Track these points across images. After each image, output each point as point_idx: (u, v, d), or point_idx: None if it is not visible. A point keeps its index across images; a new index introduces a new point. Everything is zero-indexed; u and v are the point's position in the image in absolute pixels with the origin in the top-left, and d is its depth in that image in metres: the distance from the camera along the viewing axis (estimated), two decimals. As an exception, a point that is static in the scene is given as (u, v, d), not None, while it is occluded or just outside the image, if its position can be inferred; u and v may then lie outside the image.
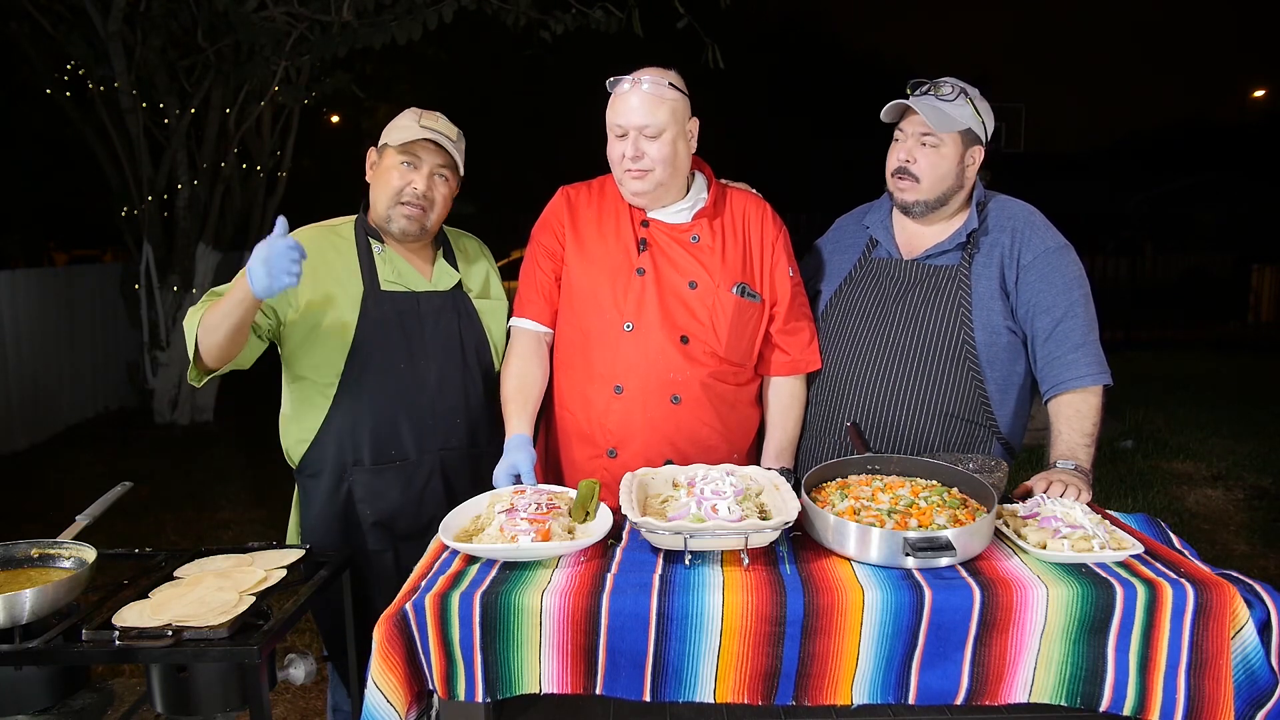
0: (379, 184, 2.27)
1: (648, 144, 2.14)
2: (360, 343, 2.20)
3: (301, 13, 6.37)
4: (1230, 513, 5.54)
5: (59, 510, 3.56)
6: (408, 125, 2.22)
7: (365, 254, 2.25)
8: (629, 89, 2.14)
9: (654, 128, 2.12)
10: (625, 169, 2.18)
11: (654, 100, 2.12)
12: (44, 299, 7.85)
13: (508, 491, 1.93)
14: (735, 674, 1.54)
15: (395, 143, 2.21)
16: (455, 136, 2.27)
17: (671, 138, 2.14)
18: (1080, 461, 2.09)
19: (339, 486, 2.24)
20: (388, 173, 2.24)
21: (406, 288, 2.27)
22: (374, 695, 1.53)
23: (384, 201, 2.24)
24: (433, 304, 2.29)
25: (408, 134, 2.20)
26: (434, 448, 2.28)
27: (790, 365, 2.34)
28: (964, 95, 2.22)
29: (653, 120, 2.12)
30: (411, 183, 2.22)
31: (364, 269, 2.24)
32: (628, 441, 2.21)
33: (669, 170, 2.17)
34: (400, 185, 2.22)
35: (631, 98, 2.13)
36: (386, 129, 2.28)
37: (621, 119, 2.14)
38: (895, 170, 2.29)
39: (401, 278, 2.27)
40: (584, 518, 1.84)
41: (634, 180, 2.19)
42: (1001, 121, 2.63)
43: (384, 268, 2.25)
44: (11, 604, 1.65)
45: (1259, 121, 28.25)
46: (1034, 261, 2.23)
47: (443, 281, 2.33)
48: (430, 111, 2.28)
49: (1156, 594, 1.54)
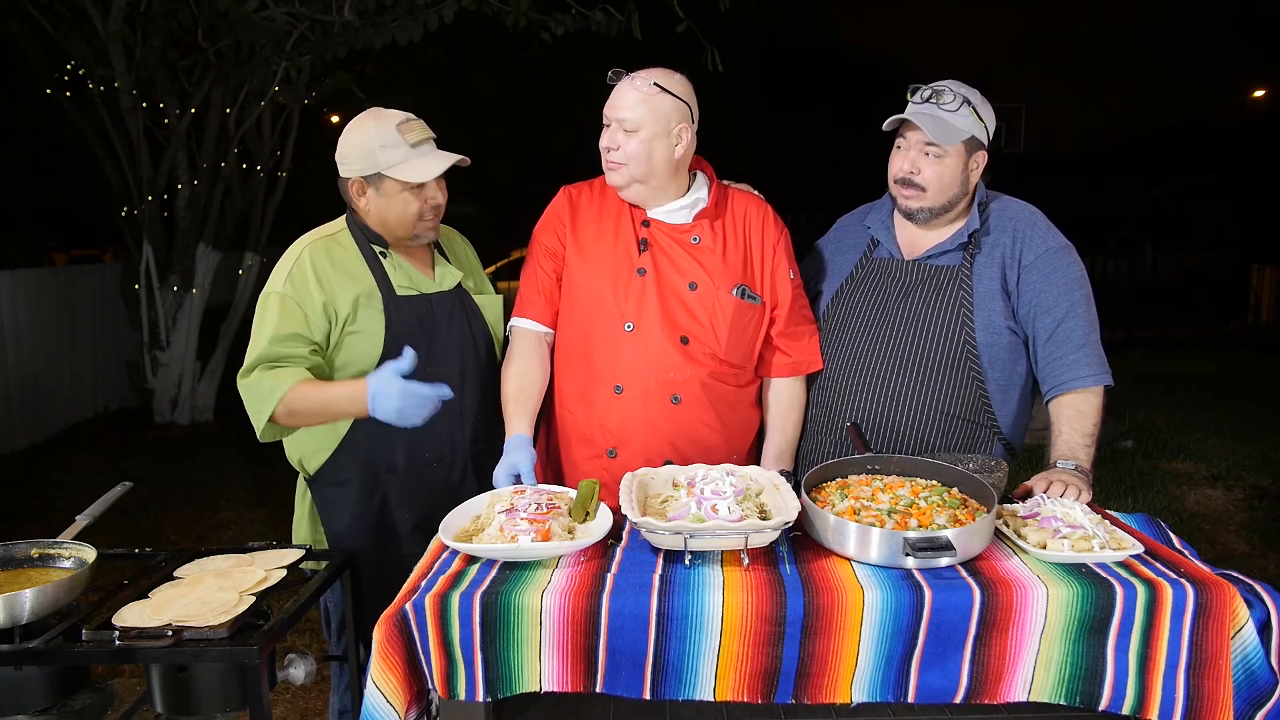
0: (389, 211, 2.20)
1: (624, 137, 2.16)
2: (389, 350, 2.17)
3: (302, 12, 6.37)
4: (1230, 513, 5.53)
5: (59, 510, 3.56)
6: (404, 155, 2.14)
7: (373, 261, 2.23)
8: (619, 81, 2.18)
9: (631, 122, 2.14)
10: (607, 159, 2.22)
11: (636, 96, 2.14)
12: (44, 299, 7.85)
13: (508, 491, 1.92)
14: (735, 673, 1.55)
15: (412, 179, 2.14)
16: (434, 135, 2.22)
17: (648, 136, 2.14)
18: (1080, 461, 2.09)
19: (372, 493, 2.23)
20: (396, 200, 2.18)
21: (418, 291, 2.26)
22: (373, 695, 1.53)
23: (404, 226, 2.21)
24: (444, 304, 2.29)
25: (419, 171, 2.13)
26: (464, 445, 2.29)
27: (791, 367, 2.34)
28: (966, 104, 2.20)
29: (630, 115, 2.14)
30: (429, 200, 2.19)
31: (376, 276, 2.21)
32: (628, 441, 2.21)
33: (643, 168, 2.18)
34: (420, 207, 2.19)
35: (618, 90, 2.17)
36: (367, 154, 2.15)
37: (606, 109, 2.19)
38: (899, 179, 2.28)
39: (413, 281, 2.26)
40: (584, 518, 1.84)
41: (609, 171, 2.23)
42: (1001, 121, 2.62)
43: (395, 273, 2.23)
44: (11, 604, 1.65)
45: (1259, 121, 28.26)
46: (1035, 262, 2.23)
47: (446, 281, 2.33)
48: (401, 117, 2.18)
49: (1156, 594, 1.54)
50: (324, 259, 2.18)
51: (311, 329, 2.13)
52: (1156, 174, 25.04)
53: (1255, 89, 29.00)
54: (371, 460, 2.22)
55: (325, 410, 2.10)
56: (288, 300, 2.12)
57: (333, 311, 2.15)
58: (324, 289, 2.14)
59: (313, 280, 2.14)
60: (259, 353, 2.10)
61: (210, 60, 7.46)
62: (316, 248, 2.20)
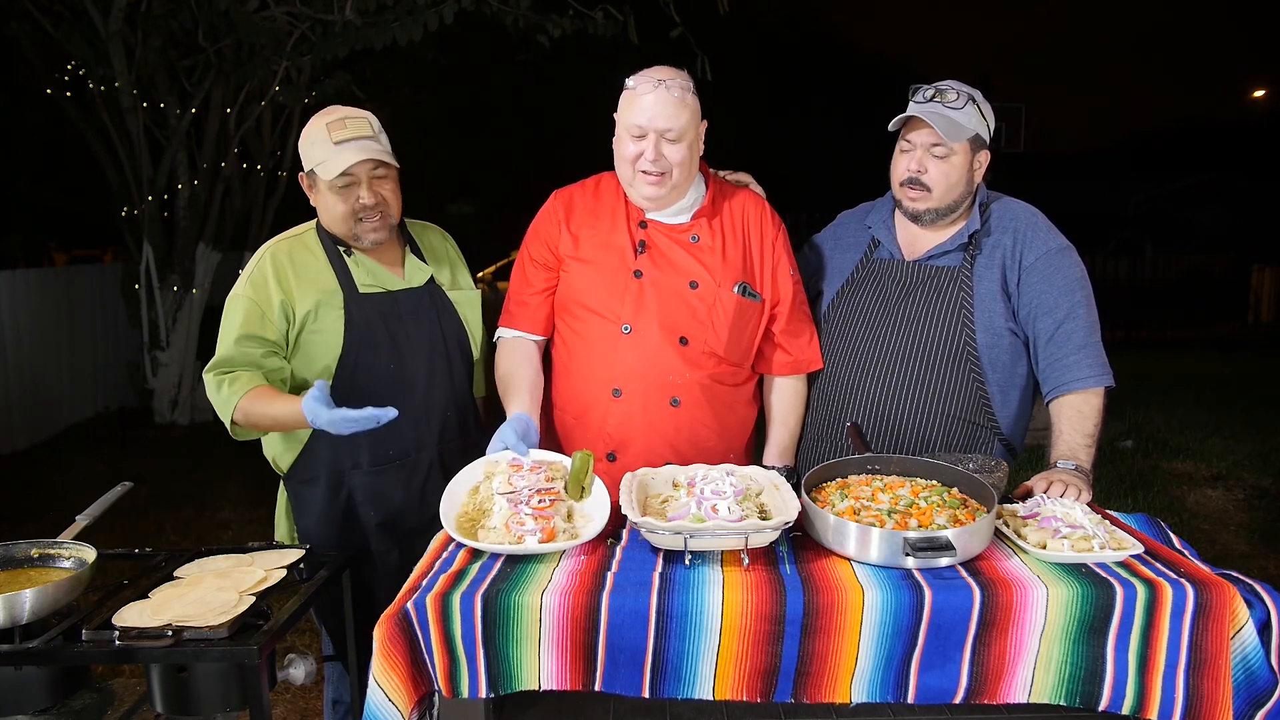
0: (324, 210, 2.21)
1: (669, 147, 2.09)
2: (349, 348, 2.20)
3: (303, 12, 6.37)
4: (1230, 513, 5.53)
5: (59, 510, 3.56)
6: (326, 153, 2.13)
7: (337, 260, 2.23)
8: (651, 89, 2.07)
9: (676, 131, 2.07)
10: (641, 170, 2.12)
11: (677, 104, 2.06)
12: (44, 299, 7.85)
13: (504, 461, 1.93)
14: (734, 672, 1.55)
15: (326, 178, 2.13)
16: (373, 129, 2.18)
17: (690, 142, 2.11)
18: (1081, 461, 2.09)
19: (338, 491, 2.24)
20: (328, 199, 2.18)
21: (383, 288, 2.26)
22: (376, 694, 1.53)
23: (341, 225, 2.20)
24: (410, 302, 2.29)
25: (332, 168, 2.11)
26: (430, 443, 2.29)
27: (792, 365, 2.34)
28: (971, 102, 2.21)
29: (675, 124, 2.06)
30: (357, 199, 2.17)
31: (339, 275, 2.22)
32: (628, 445, 2.20)
33: (684, 174, 2.14)
34: (346, 208, 2.17)
35: (654, 99, 2.06)
36: (303, 151, 2.19)
37: (642, 120, 2.07)
38: (905, 181, 2.27)
39: (377, 279, 2.25)
40: (580, 494, 1.85)
41: (650, 185, 2.13)
42: (1001, 121, 2.62)
43: (358, 271, 2.24)
44: (11, 604, 1.65)
45: (1259, 121, 28.25)
46: (1036, 263, 2.23)
47: (416, 278, 2.32)
48: (335, 115, 2.17)
49: (1156, 594, 1.54)
50: (285, 260, 2.21)
51: (269, 329, 2.16)
52: (1156, 174, 25.04)
53: (1255, 89, 29.01)
54: (336, 458, 2.23)
55: (276, 423, 2.15)
56: (248, 301, 2.17)
57: (290, 311, 2.17)
58: (282, 289, 2.17)
59: (272, 281, 2.17)
60: (217, 355, 2.17)
61: (210, 60, 7.46)
62: (279, 249, 2.23)
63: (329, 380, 2.16)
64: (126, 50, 7.24)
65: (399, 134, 2.40)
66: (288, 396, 2.11)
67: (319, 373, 2.20)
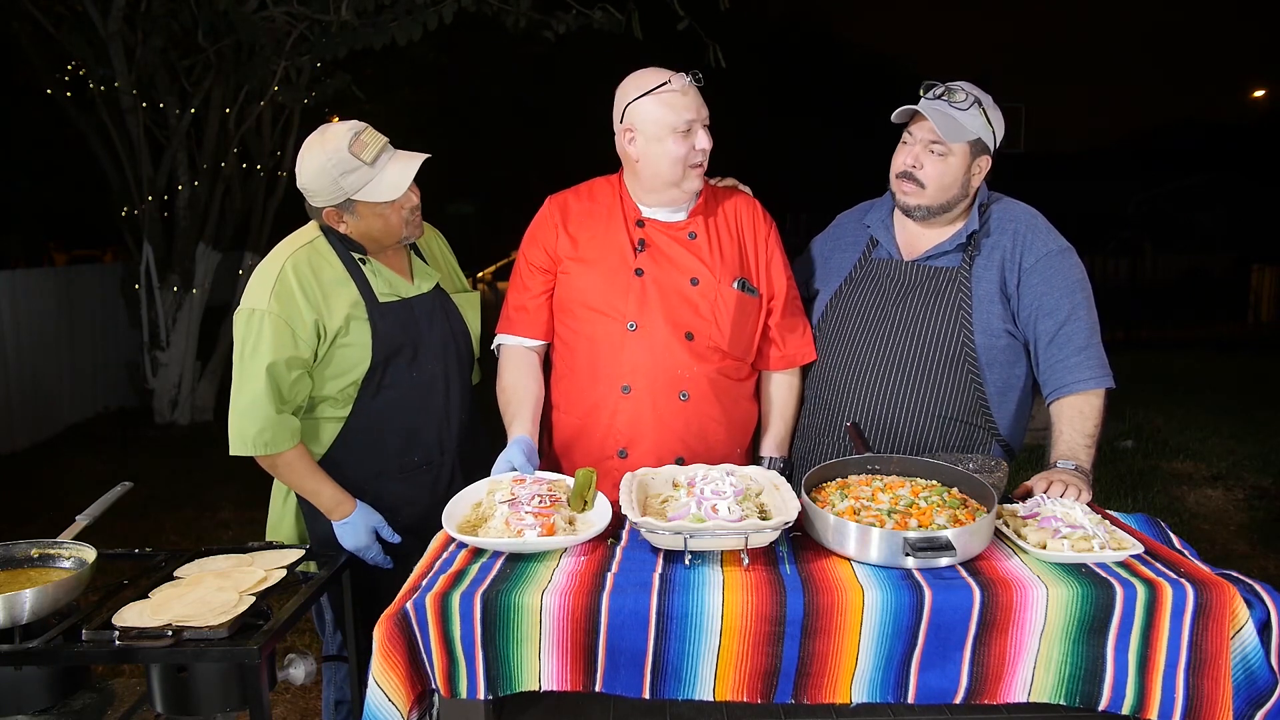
0: (371, 229, 2.15)
1: (705, 135, 2.19)
2: (376, 357, 2.18)
3: (302, 12, 6.37)
4: (1230, 513, 5.53)
5: (59, 510, 3.56)
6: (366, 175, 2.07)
7: (354, 270, 2.19)
8: (686, 83, 2.16)
9: (707, 118, 2.19)
10: (693, 164, 2.19)
11: (700, 95, 2.19)
12: (44, 299, 7.85)
13: (507, 479, 1.94)
14: (735, 672, 1.55)
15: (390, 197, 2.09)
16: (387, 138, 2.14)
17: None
18: (1081, 461, 2.09)
19: (360, 498, 2.22)
20: (375, 219, 2.13)
21: (399, 296, 2.24)
22: (375, 695, 1.53)
23: (389, 237, 2.18)
24: (424, 307, 2.29)
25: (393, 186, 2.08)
26: (452, 448, 2.31)
27: (787, 360, 2.36)
28: (978, 105, 2.20)
29: (706, 111, 2.18)
30: (407, 205, 2.15)
31: (359, 285, 2.18)
32: (638, 441, 2.21)
33: None
34: (399, 217, 2.15)
35: (689, 94, 2.16)
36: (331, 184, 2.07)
37: (691, 114, 2.15)
38: (900, 173, 2.28)
39: (393, 287, 2.23)
40: (582, 507, 1.86)
41: (699, 175, 2.22)
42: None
43: (376, 280, 2.21)
44: (11, 604, 1.65)
45: (1259, 121, 28.25)
46: (1036, 265, 2.23)
47: (424, 283, 2.31)
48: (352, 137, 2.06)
49: (1156, 594, 1.54)
50: (308, 272, 2.12)
51: (303, 348, 2.09)
52: (1156, 174, 25.03)
53: (1255, 89, 28.99)
54: (360, 464, 2.23)
55: (301, 489, 2.18)
56: (275, 319, 2.06)
57: (323, 328, 2.11)
58: (312, 305, 2.10)
59: (299, 296, 2.08)
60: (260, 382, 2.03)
61: (210, 60, 7.46)
62: (298, 260, 2.13)
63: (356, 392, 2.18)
64: (126, 50, 7.24)
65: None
66: (333, 485, 2.16)
67: (345, 386, 2.17)
